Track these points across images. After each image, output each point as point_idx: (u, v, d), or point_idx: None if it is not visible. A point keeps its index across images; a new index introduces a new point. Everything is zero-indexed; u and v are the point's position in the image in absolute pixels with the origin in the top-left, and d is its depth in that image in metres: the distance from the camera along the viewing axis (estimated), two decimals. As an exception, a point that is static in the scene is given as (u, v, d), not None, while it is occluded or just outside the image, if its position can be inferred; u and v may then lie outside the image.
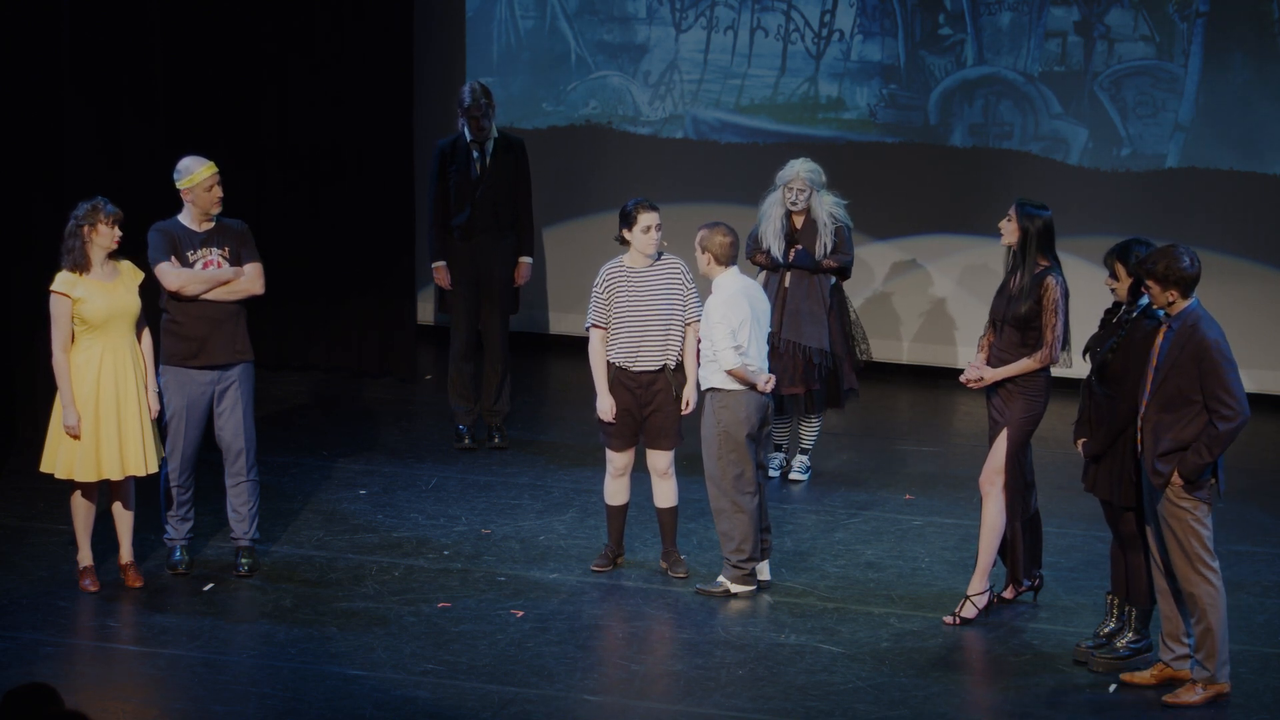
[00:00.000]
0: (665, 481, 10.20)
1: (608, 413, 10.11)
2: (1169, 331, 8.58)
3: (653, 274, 10.12)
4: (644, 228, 10.07)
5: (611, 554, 10.31)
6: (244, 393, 10.00)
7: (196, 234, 9.94)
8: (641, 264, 10.13)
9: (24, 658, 9.04)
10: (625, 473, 10.22)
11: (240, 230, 10.05)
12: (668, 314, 10.08)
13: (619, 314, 10.11)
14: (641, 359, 10.09)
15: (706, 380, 9.92)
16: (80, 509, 9.83)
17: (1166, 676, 8.90)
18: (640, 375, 10.10)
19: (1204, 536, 8.61)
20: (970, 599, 9.69)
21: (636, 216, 10.08)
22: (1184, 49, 13.79)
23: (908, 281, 14.46)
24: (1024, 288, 9.54)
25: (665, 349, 10.09)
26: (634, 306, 10.09)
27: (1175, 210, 13.80)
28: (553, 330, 15.16)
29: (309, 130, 14.06)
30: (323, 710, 8.55)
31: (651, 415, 10.13)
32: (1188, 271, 8.53)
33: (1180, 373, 8.51)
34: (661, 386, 10.10)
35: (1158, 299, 8.59)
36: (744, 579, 9.95)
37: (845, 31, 14.30)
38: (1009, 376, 9.59)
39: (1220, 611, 8.65)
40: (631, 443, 10.19)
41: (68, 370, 9.64)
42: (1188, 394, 8.51)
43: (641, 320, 10.08)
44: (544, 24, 14.84)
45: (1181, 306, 8.57)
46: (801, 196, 11.51)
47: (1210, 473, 8.56)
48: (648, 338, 10.09)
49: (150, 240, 9.93)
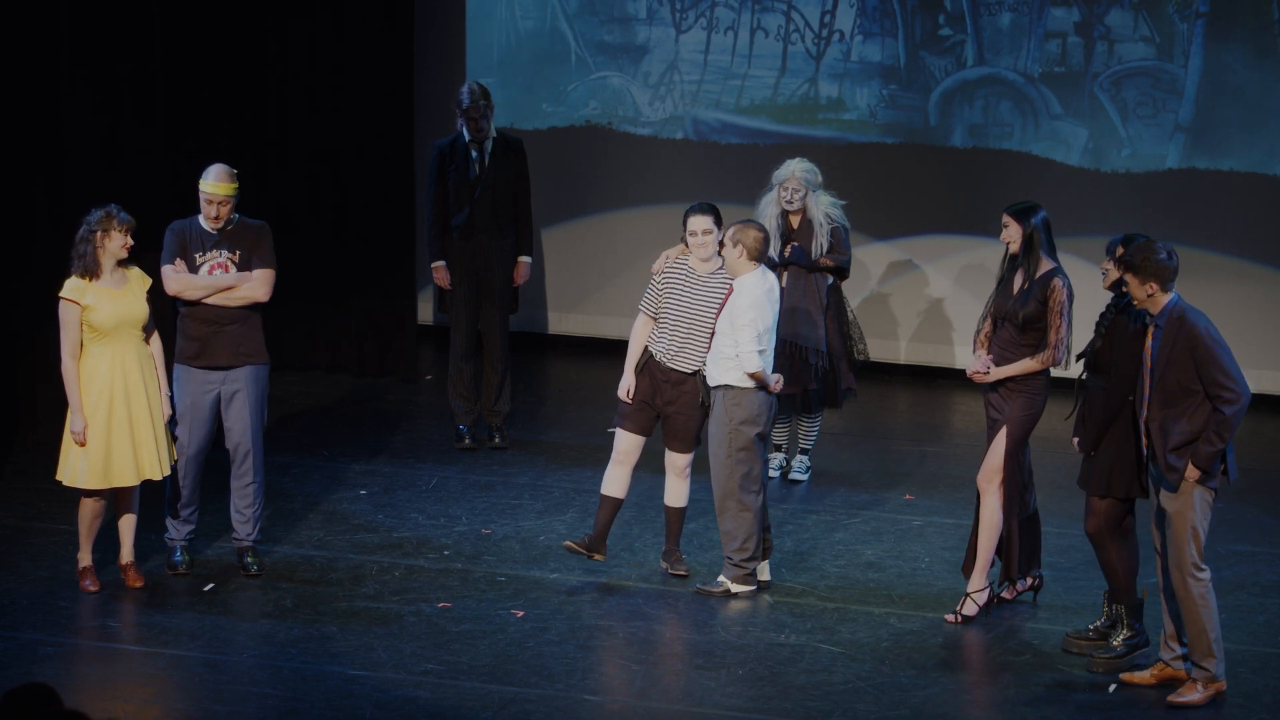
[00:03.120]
0: (681, 482, 10.13)
1: (626, 392, 10.05)
2: (1156, 330, 8.63)
3: (709, 282, 10.00)
4: (691, 231, 9.99)
5: (590, 542, 10.10)
6: (251, 396, 9.97)
7: (210, 235, 9.93)
8: (703, 269, 10.01)
9: (24, 658, 9.04)
10: (627, 461, 10.09)
11: (258, 232, 9.99)
12: (713, 324, 9.92)
13: (668, 310, 10.02)
14: (679, 359, 10.02)
15: (719, 377, 9.87)
16: (87, 513, 9.81)
17: (1166, 676, 8.91)
18: (671, 373, 10.03)
19: (1201, 539, 8.64)
20: (970, 596, 9.71)
21: (687, 220, 10.02)
22: (1184, 49, 13.79)
23: (907, 281, 14.46)
24: (1028, 288, 9.55)
25: (704, 356, 9.95)
26: (685, 308, 10.00)
27: (1175, 210, 13.80)
28: (552, 330, 15.15)
29: (309, 130, 14.07)
30: (323, 710, 8.55)
31: (672, 415, 10.05)
32: (1165, 264, 8.59)
33: (1176, 367, 8.56)
34: (689, 389, 10.01)
35: (1136, 292, 8.64)
36: (745, 579, 9.95)
37: (845, 32, 14.30)
38: (1010, 375, 9.61)
39: (1212, 611, 8.67)
40: (641, 430, 10.08)
41: (76, 377, 9.62)
42: (1187, 386, 8.56)
43: (688, 323, 9.99)
44: (544, 24, 14.84)
45: (1162, 301, 8.63)
46: (797, 196, 11.52)
47: (1220, 460, 8.62)
48: (690, 341, 9.98)
49: (164, 240, 9.95)
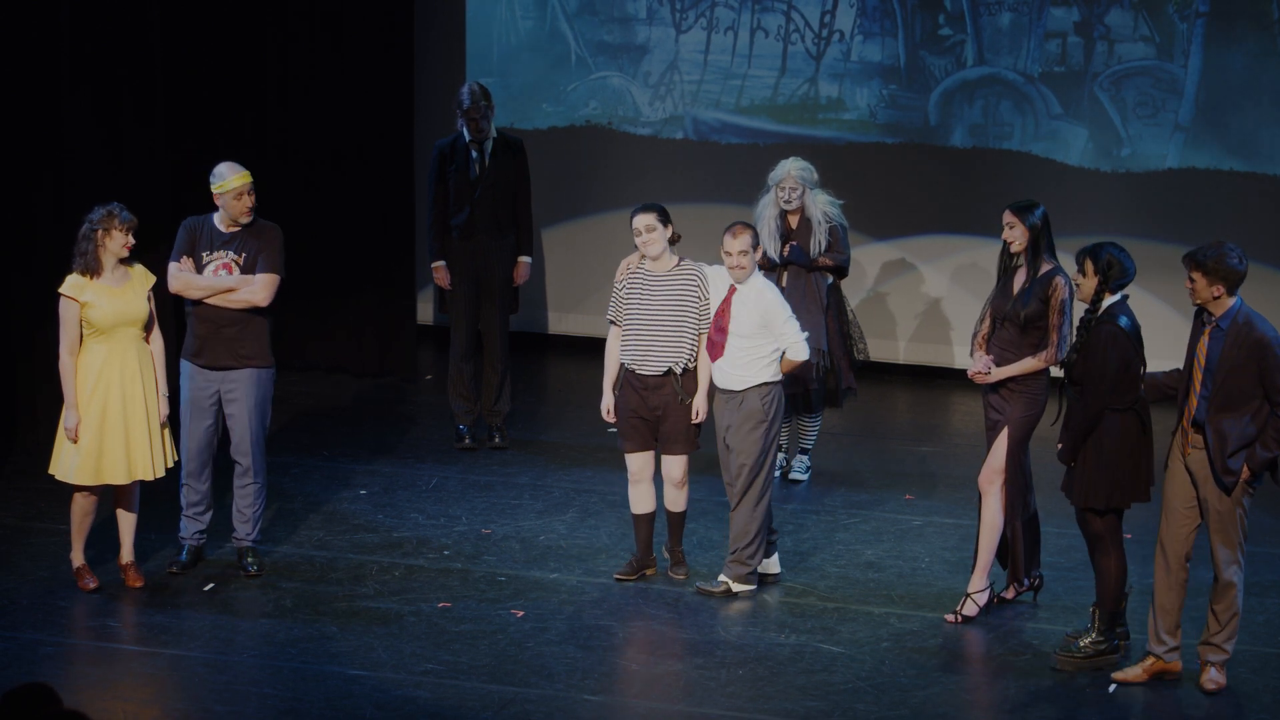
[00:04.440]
0: (679, 492, 10.12)
1: (607, 412, 10.10)
2: (1216, 331, 8.69)
3: (669, 279, 10.01)
4: (635, 230, 10.01)
5: (638, 563, 10.16)
6: (251, 398, 9.97)
7: (221, 234, 9.94)
8: (659, 268, 10.03)
9: (24, 658, 9.04)
10: (642, 478, 10.08)
11: (268, 235, 9.99)
12: (679, 320, 9.97)
13: (631, 315, 10.04)
14: (648, 362, 10.02)
15: (755, 377, 9.86)
16: (78, 511, 9.82)
17: (1158, 670, 8.96)
18: (647, 378, 10.02)
19: (1245, 527, 8.85)
20: (971, 597, 9.71)
21: (631, 221, 10.04)
22: (1184, 49, 13.79)
23: (907, 281, 14.46)
24: (1029, 288, 9.55)
25: (673, 354, 9.99)
26: (648, 309, 10.01)
27: (1175, 210, 13.81)
28: (553, 330, 15.16)
29: (309, 130, 14.07)
30: (323, 710, 8.55)
31: (662, 419, 10.04)
32: (1236, 268, 8.68)
33: (1241, 372, 8.66)
34: (668, 390, 10.00)
35: (1202, 292, 8.70)
36: (748, 578, 9.95)
37: (845, 32, 14.30)
38: (1012, 375, 9.62)
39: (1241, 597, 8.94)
40: (643, 445, 10.07)
41: (73, 373, 9.64)
42: (1249, 392, 8.67)
43: (653, 324, 10.00)
44: (544, 24, 14.84)
45: (1227, 304, 8.71)
46: (795, 195, 11.52)
47: (1271, 466, 8.80)
48: (656, 342, 9.99)
49: (177, 235, 10.00)
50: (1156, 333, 10.60)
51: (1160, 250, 13.41)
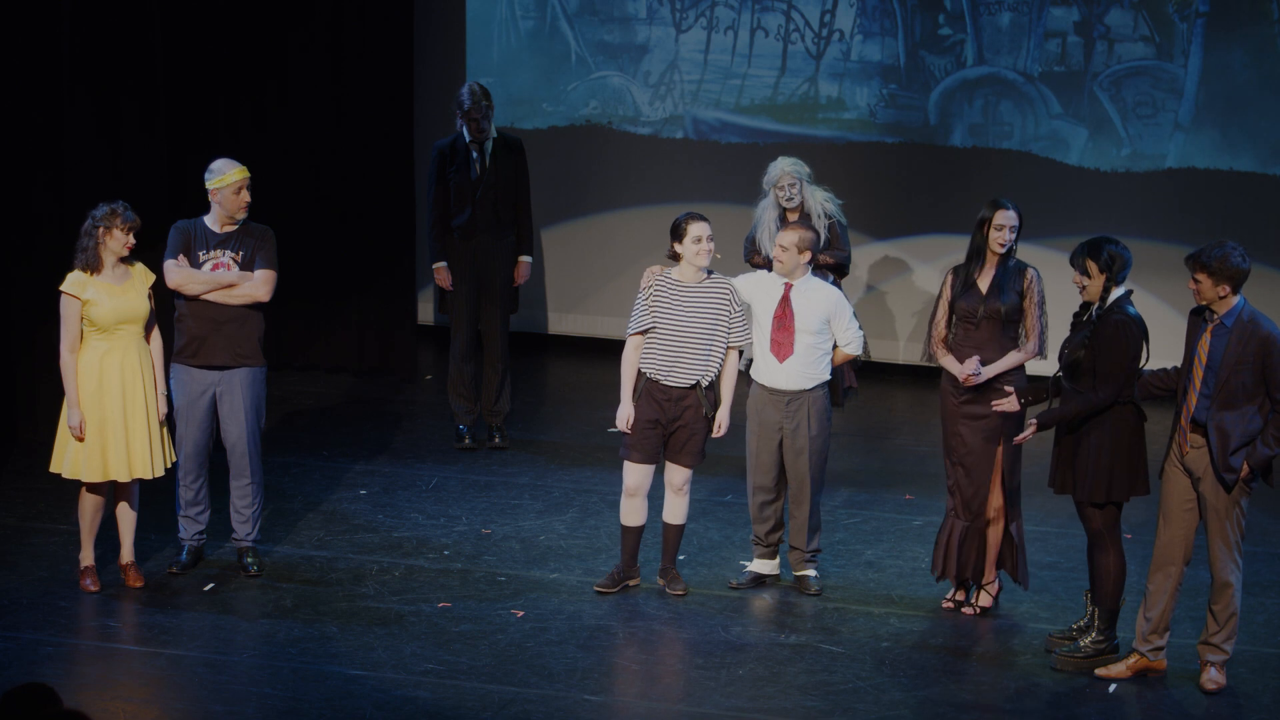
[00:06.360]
0: (679, 498, 10.02)
1: (625, 422, 9.91)
2: (1220, 328, 8.71)
3: (701, 291, 9.87)
4: (694, 238, 9.77)
5: (620, 575, 10.05)
6: (247, 396, 9.98)
7: (215, 234, 9.94)
8: (691, 279, 9.87)
9: (24, 658, 9.04)
10: (639, 493, 9.95)
11: (262, 235, 10.01)
12: (710, 333, 9.83)
13: (662, 325, 9.85)
14: (675, 374, 9.86)
15: (822, 374, 9.93)
16: (87, 509, 9.83)
17: (1142, 667, 9.00)
18: (672, 390, 9.86)
19: (1243, 527, 8.86)
20: (983, 588, 9.75)
21: (686, 228, 9.80)
22: (1184, 49, 13.80)
23: (906, 281, 14.47)
24: (1004, 283, 9.57)
25: (701, 368, 9.84)
26: (676, 321, 9.85)
27: (1175, 210, 13.81)
28: (552, 330, 15.16)
29: (309, 129, 14.07)
30: (323, 710, 8.55)
31: (678, 430, 9.89)
32: (1240, 267, 8.71)
33: (1245, 370, 8.70)
34: (691, 403, 9.86)
35: (1207, 292, 8.72)
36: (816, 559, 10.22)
37: (845, 31, 14.31)
38: (1002, 372, 9.64)
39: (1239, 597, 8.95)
40: (649, 459, 9.91)
41: (74, 371, 9.65)
42: (1251, 389, 8.71)
43: (682, 336, 9.84)
44: (544, 24, 14.85)
45: (1232, 302, 8.74)
46: (794, 191, 11.56)
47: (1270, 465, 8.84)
48: (685, 354, 9.83)
49: (169, 237, 9.97)
50: (1157, 332, 10.55)
51: (1160, 250, 13.42)
